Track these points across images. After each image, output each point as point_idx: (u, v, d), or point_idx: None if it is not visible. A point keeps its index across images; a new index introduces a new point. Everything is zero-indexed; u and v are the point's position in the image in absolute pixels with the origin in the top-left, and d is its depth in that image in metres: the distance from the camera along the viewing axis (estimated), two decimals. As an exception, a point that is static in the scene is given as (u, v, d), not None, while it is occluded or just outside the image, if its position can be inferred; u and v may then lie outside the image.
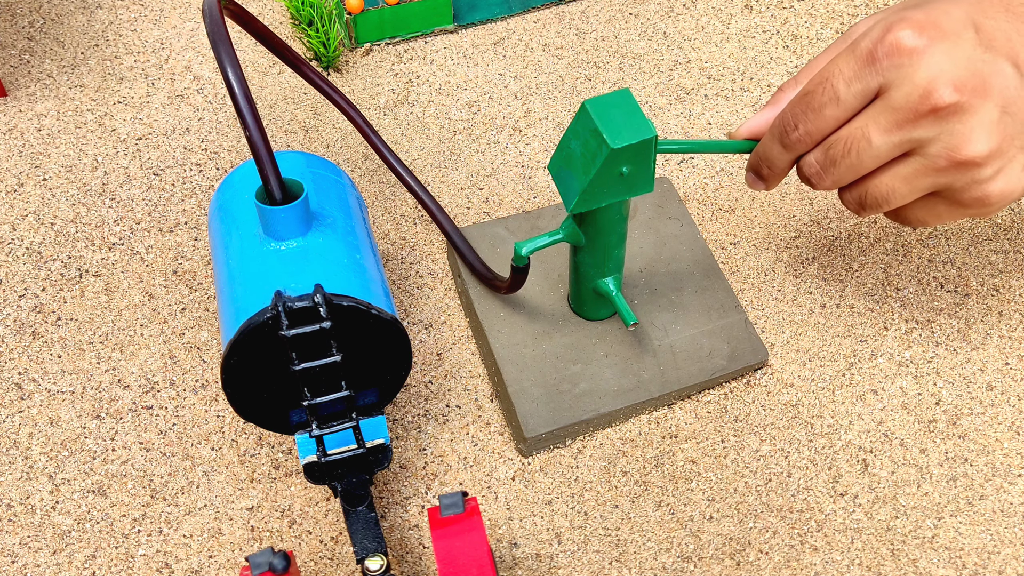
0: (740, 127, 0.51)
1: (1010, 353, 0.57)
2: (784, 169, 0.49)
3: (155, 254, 0.62)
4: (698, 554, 0.51)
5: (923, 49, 0.42)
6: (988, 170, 0.44)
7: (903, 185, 0.46)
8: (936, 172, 0.45)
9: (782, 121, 0.47)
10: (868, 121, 0.44)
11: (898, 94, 0.43)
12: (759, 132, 0.50)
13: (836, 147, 0.46)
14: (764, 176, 0.50)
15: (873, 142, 0.44)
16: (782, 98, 0.50)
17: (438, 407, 0.56)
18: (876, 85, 0.44)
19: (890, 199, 0.47)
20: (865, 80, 0.44)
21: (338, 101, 0.60)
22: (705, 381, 0.55)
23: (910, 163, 0.45)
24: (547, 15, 0.76)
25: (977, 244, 0.62)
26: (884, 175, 0.46)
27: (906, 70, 0.43)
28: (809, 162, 0.47)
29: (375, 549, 0.47)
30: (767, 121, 0.50)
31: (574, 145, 0.47)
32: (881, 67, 0.43)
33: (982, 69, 0.43)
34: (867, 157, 0.45)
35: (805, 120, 0.46)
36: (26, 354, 0.58)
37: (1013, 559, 0.50)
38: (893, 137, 0.44)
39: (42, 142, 0.68)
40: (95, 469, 0.54)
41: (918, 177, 0.45)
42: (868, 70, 0.44)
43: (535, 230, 0.61)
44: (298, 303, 0.43)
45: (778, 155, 0.48)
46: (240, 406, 0.47)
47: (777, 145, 0.48)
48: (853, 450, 0.54)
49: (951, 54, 0.42)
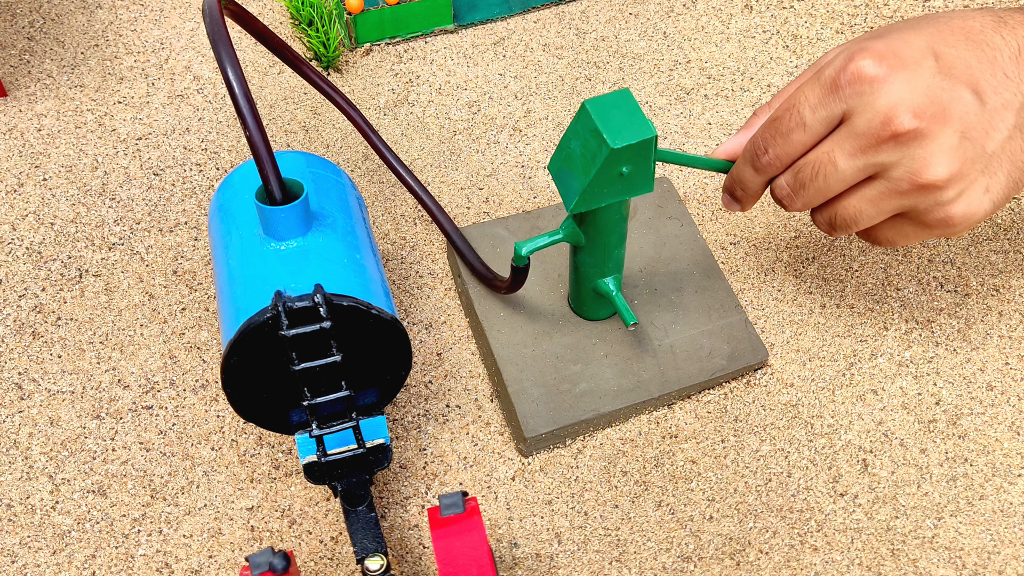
0: (717, 148, 0.53)
1: (1010, 353, 0.57)
2: (757, 192, 0.51)
3: (155, 254, 0.62)
4: (698, 554, 0.51)
5: (883, 77, 0.44)
6: (950, 193, 0.46)
7: (869, 207, 0.47)
8: (900, 195, 0.46)
9: (753, 145, 0.49)
10: (834, 146, 0.46)
11: (860, 120, 0.45)
12: (734, 154, 0.52)
13: (804, 171, 0.48)
14: (738, 198, 0.52)
15: (839, 166, 0.46)
16: (755, 122, 0.52)
17: (438, 407, 0.56)
18: (840, 112, 0.46)
19: (858, 220, 0.48)
20: (829, 107, 0.46)
21: (338, 101, 0.60)
22: (705, 381, 0.55)
23: (875, 186, 0.47)
24: (547, 15, 0.76)
25: (977, 244, 0.62)
26: (851, 197, 0.48)
27: (867, 97, 0.45)
28: (780, 185, 0.49)
29: (375, 549, 0.47)
30: (741, 144, 0.52)
31: (574, 145, 0.47)
32: (844, 94, 0.45)
33: (941, 96, 0.44)
34: (834, 180, 0.47)
35: (774, 144, 0.48)
36: (26, 354, 0.58)
37: (1013, 559, 0.50)
38: (857, 161, 0.46)
39: (42, 142, 0.68)
40: (95, 469, 0.54)
41: (883, 199, 0.47)
42: (832, 97, 0.45)
43: (535, 230, 0.61)
44: (298, 303, 0.43)
45: (750, 178, 0.50)
46: (240, 406, 0.47)
47: (749, 168, 0.50)
48: (853, 450, 0.54)
49: (910, 82, 0.44)
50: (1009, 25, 0.47)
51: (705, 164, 0.52)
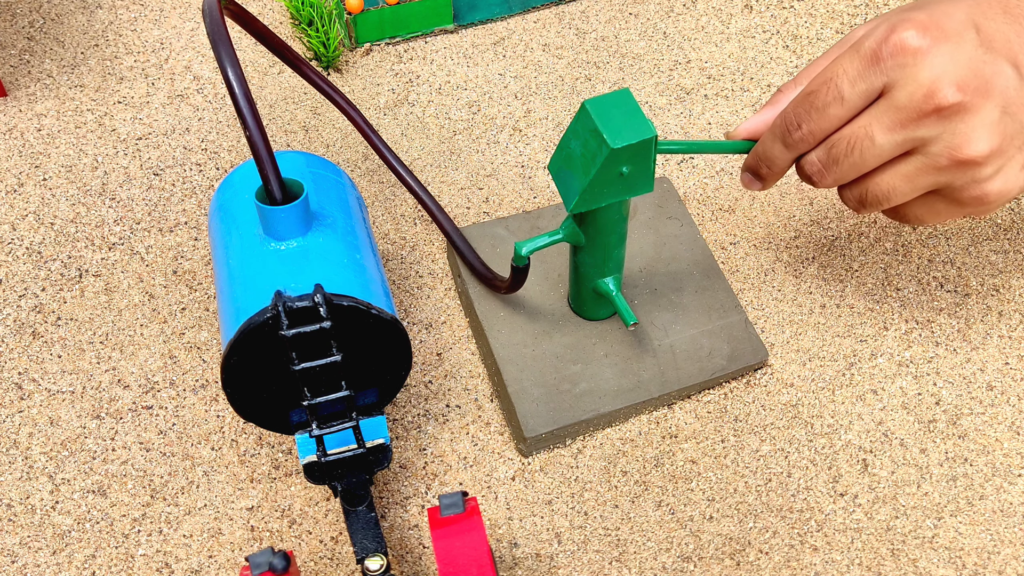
0: (738, 127, 0.51)
1: (1010, 353, 0.57)
2: (784, 169, 0.50)
3: (155, 254, 0.62)
4: (698, 554, 0.51)
5: (927, 49, 0.43)
6: (988, 169, 0.45)
7: (904, 183, 0.46)
8: (937, 171, 0.45)
9: (784, 120, 0.48)
10: (871, 120, 0.45)
11: (902, 93, 0.44)
12: (758, 132, 0.50)
13: (839, 146, 0.46)
14: (763, 176, 0.51)
15: (876, 141, 0.45)
16: (781, 99, 0.50)
17: (438, 407, 0.56)
18: (880, 84, 0.44)
19: (891, 197, 0.47)
20: (869, 79, 0.44)
21: (338, 101, 0.60)
22: (705, 381, 0.55)
23: (912, 162, 0.45)
24: (547, 15, 0.76)
25: (977, 244, 0.62)
26: (885, 173, 0.46)
27: (910, 70, 0.43)
28: (811, 161, 0.48)
29: (375, 549, 0.47)
30: (766, 122, 0.50)
31: (574, 145, 0.47)
32: (885, 67, 0.44)
33: (984, 69, 0.43)
34: (870, 156, 0.45)
35: (808, 119, 0.46)
36: (26, 354, 0.58)
37: (1013, 559, 0.50)
38: (896, 136, 0.44)
39: (42, 142, 0.68)
40: (95, 469, 0.54)
41: (919, 175, 0.46)
42: (872, 69, 0.44)
43: (535, 230, 0.61)
44: (298, 303, 0.43)
45: (779, 154, 0.49)
46: (240, 406, 0.47)
47: (779, 144, 0.48)
48: (853, 450, 0.54)
49: (954, 54, 0.43)
50: None
51: (720, 148, 0.51)
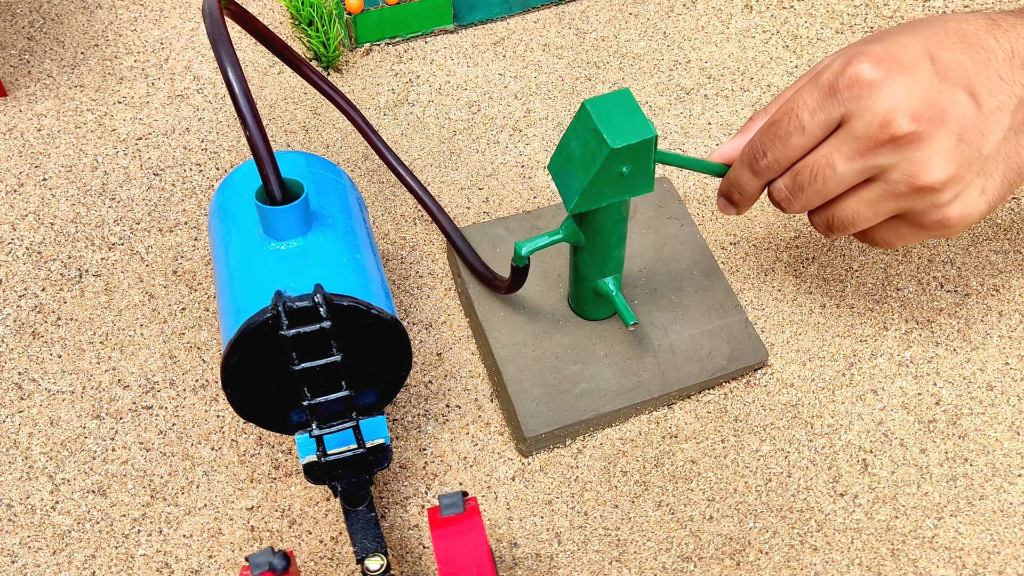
0: (712, 153, 0.53)
1: (1010, 353, 0.57)
2: (754, 195, 0.52)
3: (155, 254, 0.62)
4: (698, 554, 0.51)
5: (881, 81, 0.45)
6: (946, 195, 0.46)
7: (867, 209, 0.48)
8: (897, 197, 0.47)
9: (751, 149, 0.49)
10: (832, 149, 0.47)
11: (859, 124, 0.45)
12: (731, 158, 0.52)
13: (803, 174, 0.48)
14: (735, 201, 0.53)
15: (837, 169, 0.47)
16: (752, 127, 0.52)
17: (438, 407, 0.56)
18: (838, 115, 0.46)
19: (855, 222, 0.49)
20: (828, 110, 0.46)
21: (338, 101, 0.60)
22: (705, 381, 0.55)
23: (873, 188, 0.47)
24: (547, 15, 0.76)
25: (977, 244, 0.62)
26: (849, 200, 0.48)
27: (866, 101, 0.45)
28: (778, 187, 0.50)
29: (375, 549, 0.47)
30: (737, 148, 0.52)
31: (574, 145, 0.47)
32: (842, 98, 0.45)
33: (938, 99, 0.45)
34: (832, 183, 0.47)
35: (773, 148, 0.48)
36: (26, 354, 0.58)
37: (1013, 559, 0.50)
38: (856, 164, 0.46)
39: (42, 142, 0.68)
40: (95, 469, 0.54)
41: (881, 201, 0.47)
42: (830, 101, 0.46)
43: (535, 230, 0.61)
44: (298, 303, 0.43)
45: (748, 181, 0.51)
46: (240, 406, 0.47)
47: (747, 172, 0.50)
48: (853, 450, 0.54)
49: (908, 85, 0.45)
50: (1002, 28, 0.47)
51: (701, 167, 0.52)
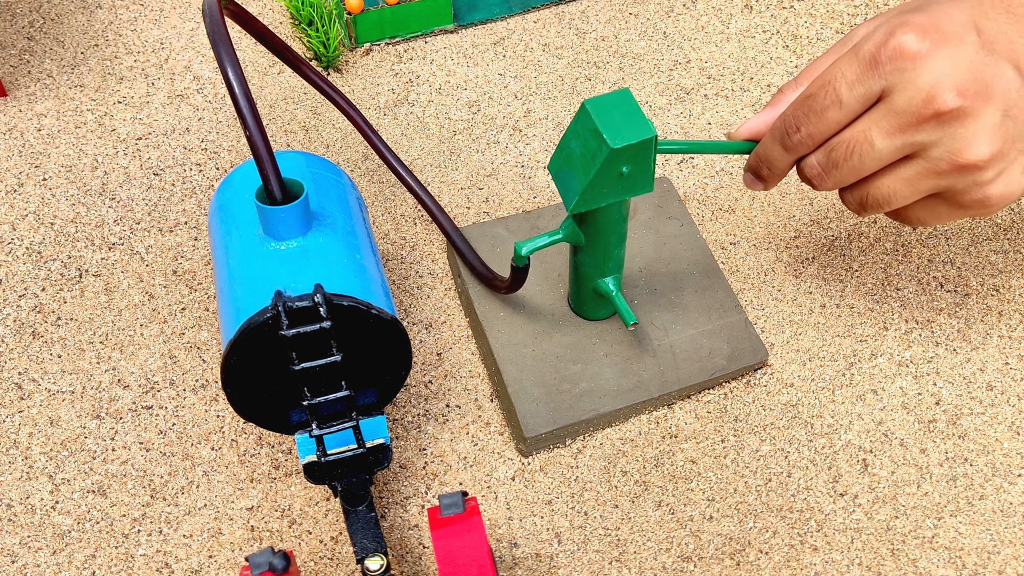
0: (739, 128, 0.51)
1: (1010, 353, 0.57)
2: (784, 170, 0.50)
3: (155, 254, 0.62)
4: (698, 554, 0.51)
5: (926, 53, 0.42)
6: (989, 173, 0.44)
7: (905, 187, 0.46)
8: (938, 175, 0.45)
9: (783, 123, 0.47)
10: (871, 124, 0.44)
11: (901, 98, 0.43)
12: (759, 133, 0.50)
13: (838, 150, 0.46)
14: (764, 177, 0.51)
15: (876, 145, 0.45)
16: (782, 100, 0.50)
17: (438, 407, 0.56)
18: (879, 89, 0.44)
19: (891, 200, 0.47)
20: (868, 84, 0.44)
21: (338, 101, 0.60)
22: (705, 381, 0.55)
23: (912, 166, 0.45)
24: (547, 15, 0.76)
25: (977, 244, 0.62)
26: (886, 177, 0.46)
27: (909, 74, 0.43)
28: (811, 164, 0.48)
29: (375, 549, 0.47)
30: (767, 123, 0.50)
31: (574, 145, 0.47)
32: (884, 71, 0.43)
33: (984, 73, 0.43)
34: (869, 160, 0.45)
35: (807, 122, 0.46)
36: (26, 354, 0.58)
37: (1013, 559, 0.50)
38: (895, 141, 0.44)
39: (42, 142, 0.68)
40: (95, 469, 0.54)
41: (920, 180, 0.45)
42: (871, 74, 0.44)
43: (535, 230, 0.61)
44: (298, 303, 0.43)
45: (779, 157, 0.49)
46: (240, 406, 0.47)
47: (778, 147, 0.48)
48: (853, 450, 0.54)
49: (953, 58, 0.43)
50: None
51: (721, 148, 0.50)
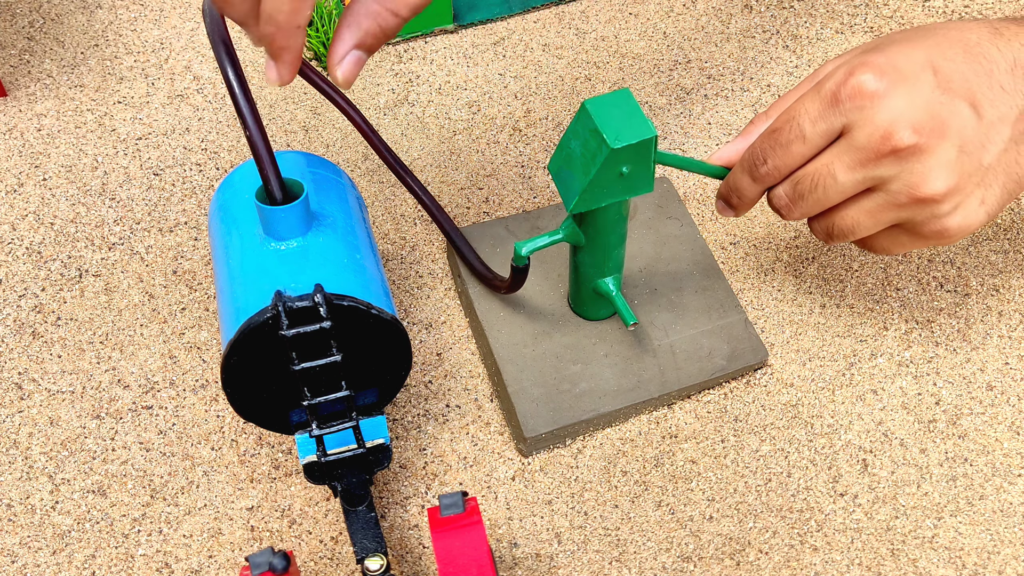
0: (712, 155, 0.53)
1: (1010, 353, 0.57)
2: (753, 199, 0.52)
3: (155, 254, 0.62)
4: (698, 554, 0.51)
5: (883, 92, 0.45)
6: (946, 206, 0.46)
7: (867, 218, 0.48)
8: (897, 207, 0.47)
9: (752, 155, 0.49)
10: (833, 159, 0.47)
11: (861, 135, 0.45)
12: (731, 161, 0.52)
13: (803, 182, 0.48)
14: (734, 205, 0.53)
15: (838, 179, 0.47)
16: (753, 131, 0.52)
17: (438, 407, 0.56)
18: (840, 125, 0.46)
19: (855, 230, 0.49)
20: (829, 120, 0.46)
21: (338, 101, 0.60)
22: (705, 381, 0.55)
23: (873, 198, 0.47)
24: (547, 15, 0.76)
25: (977, 244, 0.62)
26: (849, 208, 0.48)
27: (867, 112, 0.45)
28: (778, 194, 0.50)
29: (375, 549, 0.47)
30: (738, 151, 0.52)
31: (574, 145, 0.47)
32: (844, 108, 0.45)
33: (940, 111, 0.45)
34: (833, 192, 0.47)
35: (773, 155, 0.48)
36: (26, 354, 0.58)
37: (1013, 559, 0.50)
38: (856, 175, 0.46)
39: (42, 142, 0.68)
40: (95, 469, 0.54)
41: (881, 211, 0.47)
42: (832, 111, 0.46)
43: (535, 230, 0.61)
44: (298, 303, 0.43)
45: (748, 187, 0.51)
46: (240, 406, 0.47)
47: (747, 177, 0.50)
48: (853, 450, 0.54)
49: (910, 97, 0.45)
50: (1005, 37, 0.47)
51: (700, 169, 0.52)
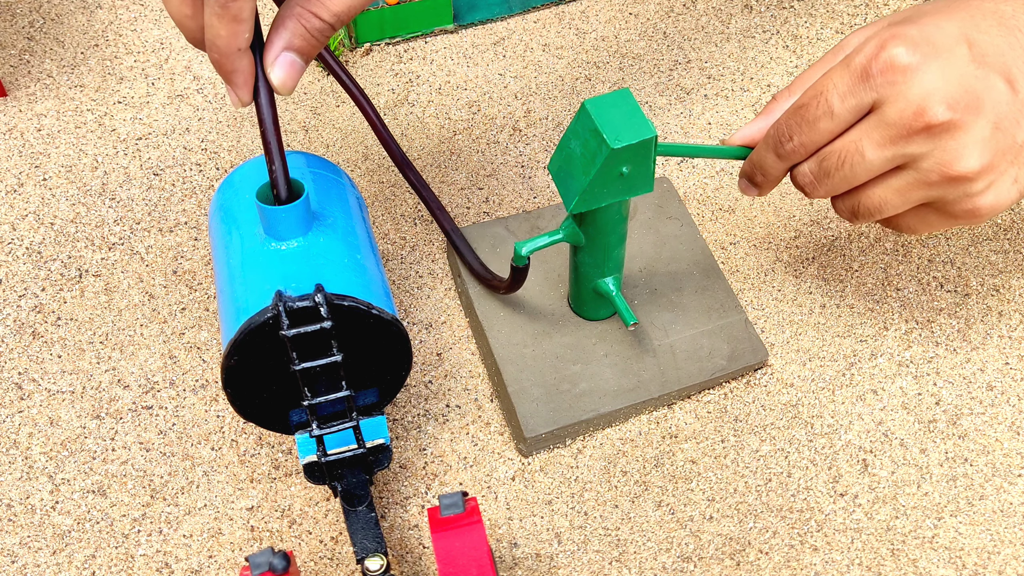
0: (734, 135, 0.52)
1: (1010, 353, 0.57)
2: (778, 178, 0.50)
3: (155, 254, 0.62)
4: (698, 554, 0.51)
5: (916, 66, 0.43)
6: (979, 184, 0.45)
7: (895, 197, 0.47)
8: (928, 186, 0.45)
9: (777, 132, 0.48)
10: (862, 135, 0.45)
11: (892, 110, 0.44)
12: (752, 140, 0.51)
13: (830, 159, 0.47)
14: (758, 183, 0.51)
15: (867, 156, 0.45)
16: (775, 108, 0.50)
17: (438, 407, 0.56)
18: (870, 100, 0.44)
19: (883, 209, 0.47)
20: (859, 95, 0.44)
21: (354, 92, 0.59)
22: (705, 381, 0.55)
23: (903, 176, 0.46)
24: (547, 15, 0.76)
25: (977, 244, 0.62)
26: (877, 187, 0.47)
27: (900, 87, 0.43)
28: (803, 172, 0.48)
29: (375, 549, 0.47)
30: (760, 130, 0.50)
31: (574, 145, 0.47)
32: (875, 83, 0.44)
33: (975, 86, 0.43)
34: (860, 170, 0.46)
35: (799, 132, 0.47)
36: (26, 354, 0.58)
37: (1013, 559, 0.50)
38: (886, 152, 0.45)
39: (42, 142, 0.68)
40: (95, 469, 0.54)
41: (910, 190, 0.46)
42: (862, 86, 0.44)
43: (535, 230, 0.61)
44: (299, 303, 0.43)
45: (772, 164, 0.49)
46: (240, 406, 0.47)
47: (771, 155, 0.49)
48: (853, 450, 0.54)
49: (944, 71, 0.43)
50: None
51: (717, 153, 0.51)
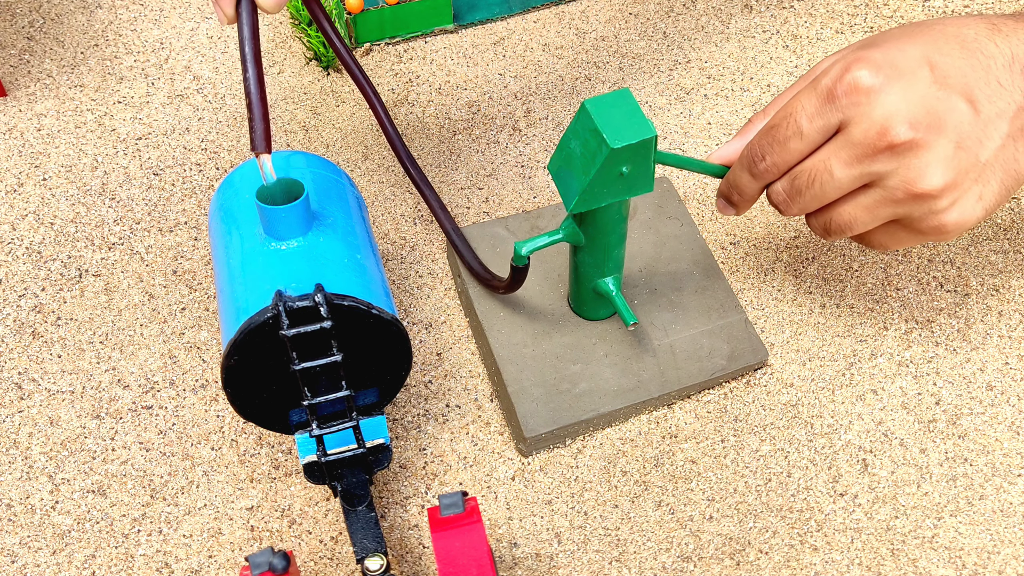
0: (711, 154, 0.53)
1: (1010, 353, 0.57)
2: (753, 196, 0.52)
3: (155, 254, 0.62)
4: (698, 554, 0.51)
5: (879, 88, 0.45)
6: (943, 201, 0.46)
7: (864, 214, 0.48)
8: (895, 203, 0.47)
9: (750, 152, 0.50)
10: (830, 155, 0.47)
11: (857, 130, 0.45)
12: (729, 160, 0.53)
13: (801, 178, 0.48)
14: (734, 202, 0.53)
15: (835, 174, 0.47)
16: (751, 129, 0.52)
17: (438, 407, 0.56)
18: (836, 121, 0.46)
19: (853, 226, 0.49)
20: (826, 116, 0.46)
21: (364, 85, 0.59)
22: (705, 381, 0.55)
23: (870, 194, 0.47)
24: (547, 15, 0.76)
25: (977, 244, 0.62)
26: (847, 204, 0.48)
27: (863, 108, 0.45)
28: (776, 191, 0.50)
29: (375, 549, 0.47)
30: (736, 151, 0.52)
31: (574, 145, 0.47)
32: (840, 104, 0.46)
33: (936, 106, 0.45)
34: (830, 188, 0.48)
35: (771, 152, 0.49)
36: (26, 354, 0.58)
37: (1013, 559, 0.50)
38: (853, 170, 0.46)
39: (42, 142, 0.68)
40: (95, 469, 0.54)
41: (878, 207, 0.48)
42: (828, 107, 0.46)
43: (535, 230, 0.61)
44: (299, 303, 0.43)
45: (747, 183, 0.51)
46: (240, 406, 0.47)
47: (746, 174, 0.51)
48: (853, 450, 0.54)
49: (906, 92, 0.45)
50: (1003, 32, 0.47)
51: (700, 168, 0.52)
